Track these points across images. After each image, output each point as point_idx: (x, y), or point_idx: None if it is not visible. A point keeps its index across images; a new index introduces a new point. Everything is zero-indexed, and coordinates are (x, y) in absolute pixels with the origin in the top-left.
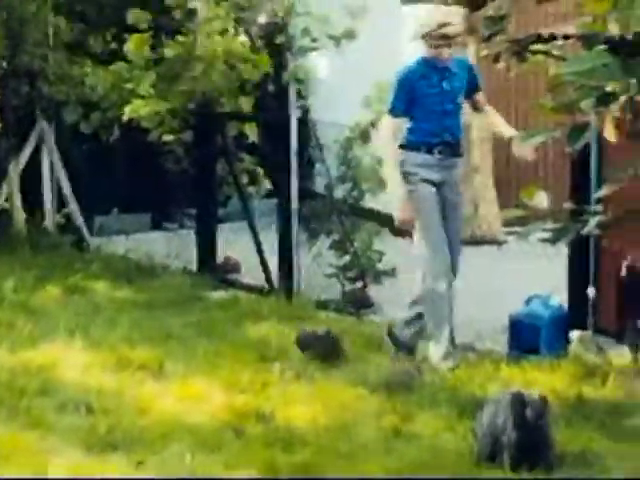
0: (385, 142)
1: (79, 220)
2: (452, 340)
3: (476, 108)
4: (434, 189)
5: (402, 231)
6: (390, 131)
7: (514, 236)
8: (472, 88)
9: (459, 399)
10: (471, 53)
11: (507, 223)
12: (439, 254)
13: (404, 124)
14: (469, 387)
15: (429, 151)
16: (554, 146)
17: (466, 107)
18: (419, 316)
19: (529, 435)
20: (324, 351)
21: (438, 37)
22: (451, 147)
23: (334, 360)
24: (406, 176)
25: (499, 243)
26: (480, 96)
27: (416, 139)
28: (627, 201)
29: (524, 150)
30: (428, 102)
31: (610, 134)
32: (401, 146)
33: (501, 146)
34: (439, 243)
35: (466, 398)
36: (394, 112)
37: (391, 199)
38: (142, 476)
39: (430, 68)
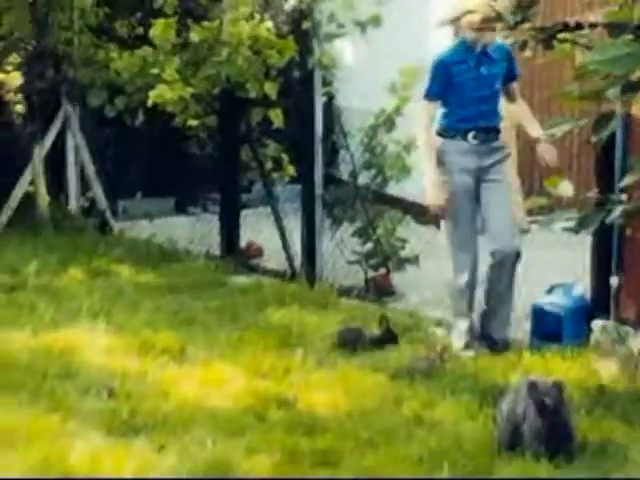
0: (422, 129)
1: (103, 204)
2: (473, 330)
3: (509, 97)
4: (469, 179)
5: (426, 218)
6: (427, 117)
7: (538, 225)
8: (509, 76)
9: (480, 387)
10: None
11: (531, 212)
12: (463, 250)
13: (438, 109)
14: (491, 375)
15: (464, 137)
16: (579, 135)
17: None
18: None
19: (549, 423)
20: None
21: (481, 20)
22: (487, 133)
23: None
24: (442, 165)
25: (523, 232)
26: (515, 86)
27: (451, 125)
28: None
29: (550, 154)
30: (464, 87)
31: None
32: (437, 133)
33: (525, 134)
34: (465, 239)
35: (487, 386)
36: (429, 96)
37: (417, 186)
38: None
39: (467, 52)
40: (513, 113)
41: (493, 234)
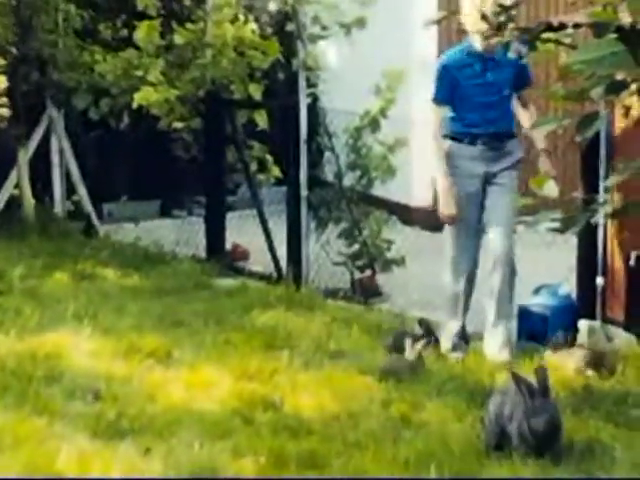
0: (432, 137)
1: (88, 207)
2: (464, 334)
3: (523, 104)
4: (476, 184)
5: (411, 220)
6: (436, 123)
7: (524, 225)
8: (520, 83)
9: (467, 388)
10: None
11: (517, 212)
12: (464, 254)
13: (447, 112)
14: (478, 376)
15: (472, 142)
16: (564, 135)
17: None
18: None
19: (535, 424)
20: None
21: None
22: (496, 139)
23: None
24: (450, 170)
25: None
26: (526, 93)
27: (458, 129)
28: (636, 190)
29: (549, 168)
30: (470, 92)
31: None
32: (445, 136)
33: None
34: (467, 244)
35: (474, 387)
36: (436, 101)
37: (402, 187)
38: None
39: (474, 57)
40: (522, 121)
41: (491, 239)
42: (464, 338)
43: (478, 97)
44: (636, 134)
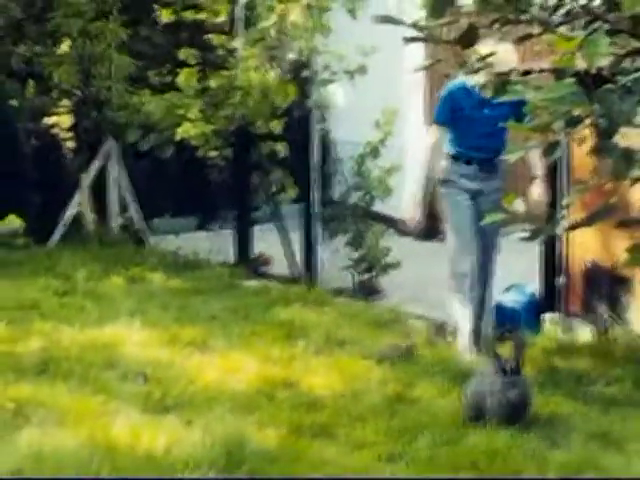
0: (424, 147)
1: (139, 222)
2: (478, 336)
3: None
4: (468, 198)
5: (405, 231)
6: (431, 138)
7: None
8: (518, 118)
9: (451, 370)
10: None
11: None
12: (466, 254)
13: (446, 134)
14: (460, 360)
15: (468, 162)
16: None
17: None
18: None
19: (511, 396)
20: None
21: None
22: (489, 162)
23: None
24: (444, 182)
25: None
26: None
27: (457, 150)
28: (590, 206)
29: (539, 194)
30: (469, 121)
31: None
32: (445, 154)
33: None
34: (467, 246)
35: (457, 369)
36: (437, 122)
37: (398, 204)
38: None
39: (474, 90)
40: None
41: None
42: (476, 339)
43: (476, 126)
44: (589, 160)
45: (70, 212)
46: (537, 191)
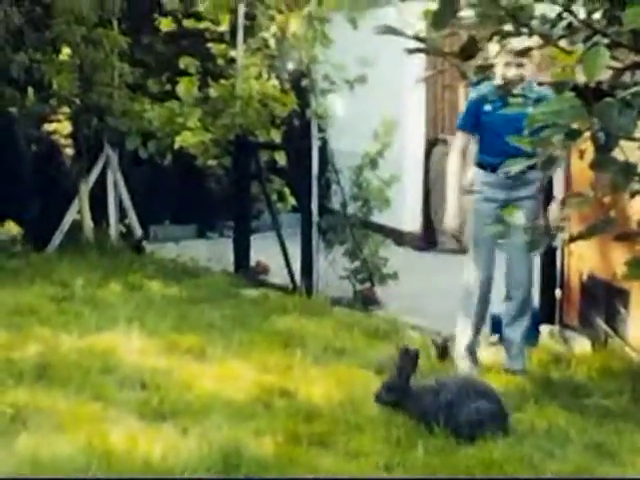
0: (451, 155)
1: (137, 230)
2: (474, 349)
3: None
4: (494, 209)
5: (402, 242)
6: (458, 145)
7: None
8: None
9: None
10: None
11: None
12: (479, 270)
13: (473, 141)
14: (455, 369)
15: (493, 170)
16: None
17: None
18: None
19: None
20: None
21: (507, 52)
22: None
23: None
24: (472, 193)
25: None
26: None
27: (481, 158)
28: (588, 219)
29: (554, 215)
30: (491, 125)
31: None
32: (474, 163)
33: None
34: (480, 261)
35: None
36: (462, 128)
37: (395, 215)
38: (186, 441)
39: (496, 92)
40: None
41: (510, 265)
42: (472, 352)
43: (498, 130)
44: (588, 173)
45: (68, 219)
46: (554, 215)
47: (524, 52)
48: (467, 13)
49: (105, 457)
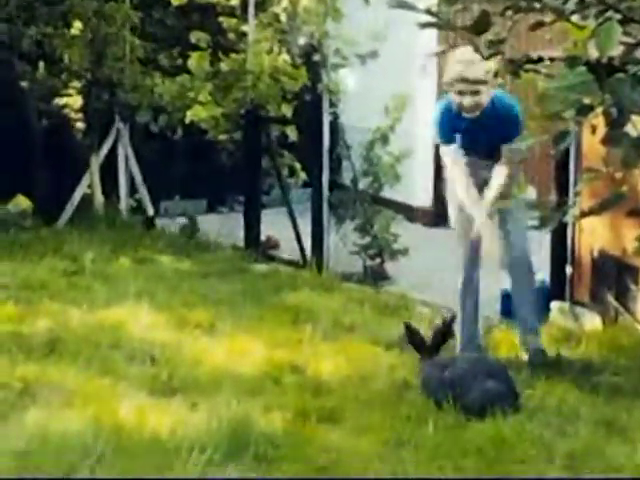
0: (449, 167)
1: (148, 204)
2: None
3: (497, 159)
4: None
5: (413, 217)
6: (449, 156)
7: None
8: (503, 138)
9: None
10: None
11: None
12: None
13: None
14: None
15: (467, 154)
16: (540, 149)
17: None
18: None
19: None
20: None
21: (459, 81)
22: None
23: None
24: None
25: None
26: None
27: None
28: (600, 195)
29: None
30: (461, 139)
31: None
32: None
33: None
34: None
35: None
36: (442, 141)
37: (406, 190)
38: (195, 416)
39: (459, 114)
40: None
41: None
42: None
43: (468, 145)
44: (600, 148)
45: (79, 193)
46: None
47: (535, 26)
48: None
49: (113, 432)
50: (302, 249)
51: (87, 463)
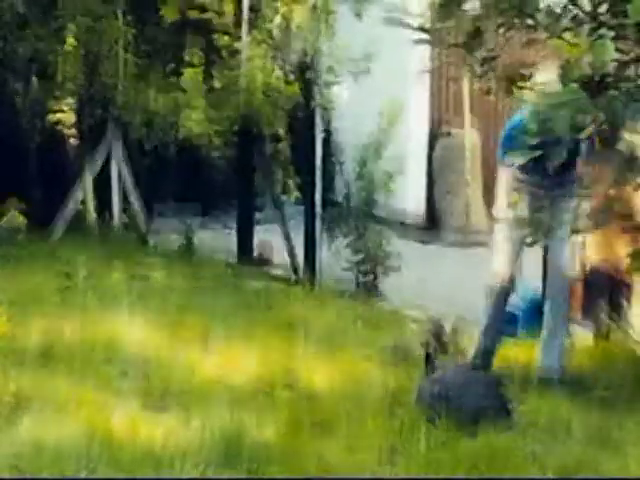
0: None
1: (141, 221)
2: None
3: None
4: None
5: (405, 234)
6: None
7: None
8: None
9: None
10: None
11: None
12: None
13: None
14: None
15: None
16: None
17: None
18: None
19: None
20: None
21: None
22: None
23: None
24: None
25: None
26: None
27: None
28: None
29: None
30: None
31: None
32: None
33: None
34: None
35: None
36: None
37: (399, 208)
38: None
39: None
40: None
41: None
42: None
43: None
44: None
45: (72, 206)
46: None
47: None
48: (473, 4)
49: (106, 443)
50: (295, 265)
51: (80, 475)
